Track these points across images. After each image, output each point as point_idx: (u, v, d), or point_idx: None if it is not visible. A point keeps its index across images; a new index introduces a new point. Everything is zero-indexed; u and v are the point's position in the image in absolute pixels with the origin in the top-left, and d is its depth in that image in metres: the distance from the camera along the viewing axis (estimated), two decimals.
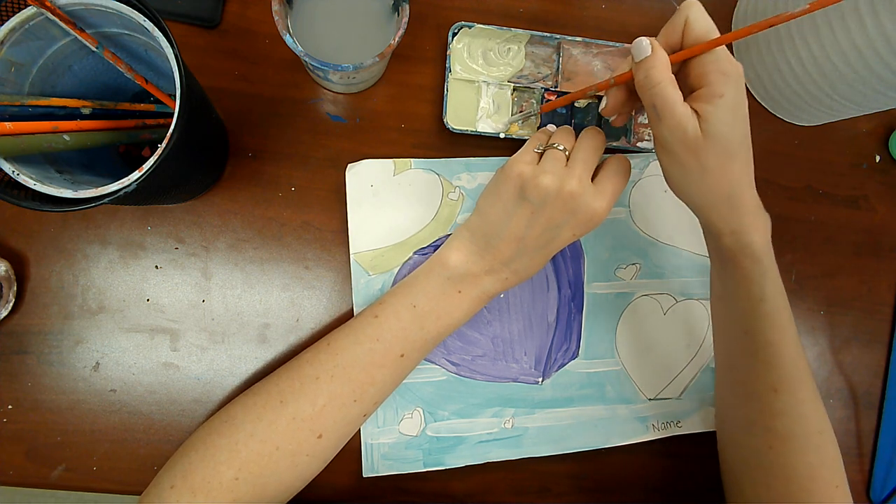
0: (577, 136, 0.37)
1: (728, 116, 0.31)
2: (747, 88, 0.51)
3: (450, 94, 0.44)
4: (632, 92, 0.36)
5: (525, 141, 0.40)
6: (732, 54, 0.40)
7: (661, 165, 0.35)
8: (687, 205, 0.36)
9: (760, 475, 0.38)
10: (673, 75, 0.32)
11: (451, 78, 0.44)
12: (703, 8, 0.32)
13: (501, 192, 0.37)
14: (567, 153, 0.36)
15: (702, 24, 0.31)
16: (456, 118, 0.45)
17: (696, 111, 0.32)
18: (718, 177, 0.33)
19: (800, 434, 0.36)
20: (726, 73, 0.31)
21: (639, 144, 0.47)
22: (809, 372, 0.37)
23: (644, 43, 0.32)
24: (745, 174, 0.34)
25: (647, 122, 0.47)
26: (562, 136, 0.37)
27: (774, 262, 0.36)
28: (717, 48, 0.31)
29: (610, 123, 0.40)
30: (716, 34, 0.31)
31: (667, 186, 0.47)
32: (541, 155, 0.37)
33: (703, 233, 0.38)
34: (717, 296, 0.39)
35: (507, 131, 0.45)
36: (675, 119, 0.31)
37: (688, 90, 0.33)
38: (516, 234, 0.37)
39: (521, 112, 0.45)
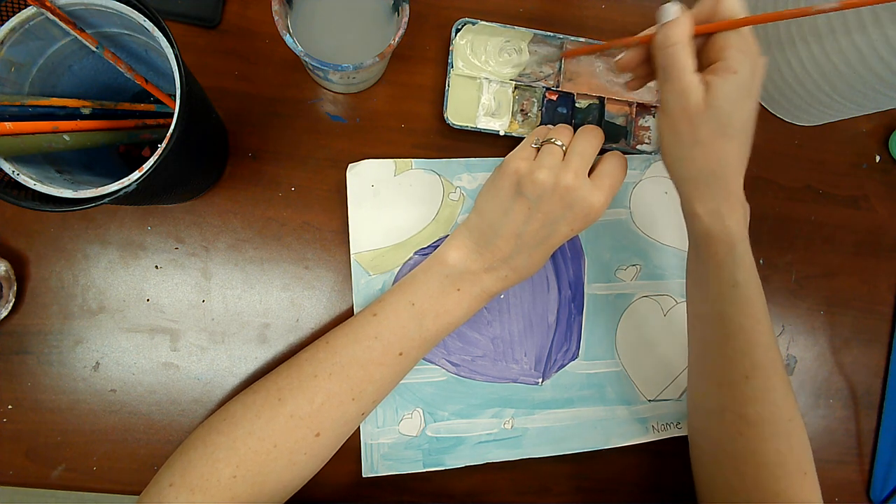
0: None
1: (735, 94, 0.31)
2: None
3: (451, 90, 0.44)
4: (651, 58, 0.35)
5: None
6: None
7: (658, 129, 0.35)
8: (671, 177, 0.36)
9: (730, 462, 0.38)
10: (690, 42, 0.31)
11: (452, 74, 0.44)
12: None
13: (499, 189, 0.37)
14: (564, 148, 0.36)
15: (734, 2, 0.31)
16: (456, 114, 0.44)
17: (706, 82, 0.31)
18: (708, 151, 0.33)
19: (770, 421, 0.36)
20: (745, 52, 0.31)
21: (638, 147, 0.47)
22: (781, 360, 0.37)
23: (672, 8, 0.32)
24: (737, 159, 0.33)
25: (647, 124, 0.47)
26: (559, 132, 0.37)
27: (749, 251, 0.36)
28: (745, 29, 0.31)
29: (626, 86, 0.39)
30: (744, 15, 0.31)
31: (667, 188, 0.48)
32: (538, 151, 0.37)
33: (683, 213, 0.37)
34: (692, 279, 0.39)
35: (507, 129, 0.45)
36: (681, 84, 0.31)
37: (706, 63, 0.32)
38: (514, 231, 0.37)
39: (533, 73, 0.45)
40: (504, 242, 0.37)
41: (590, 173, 0.36)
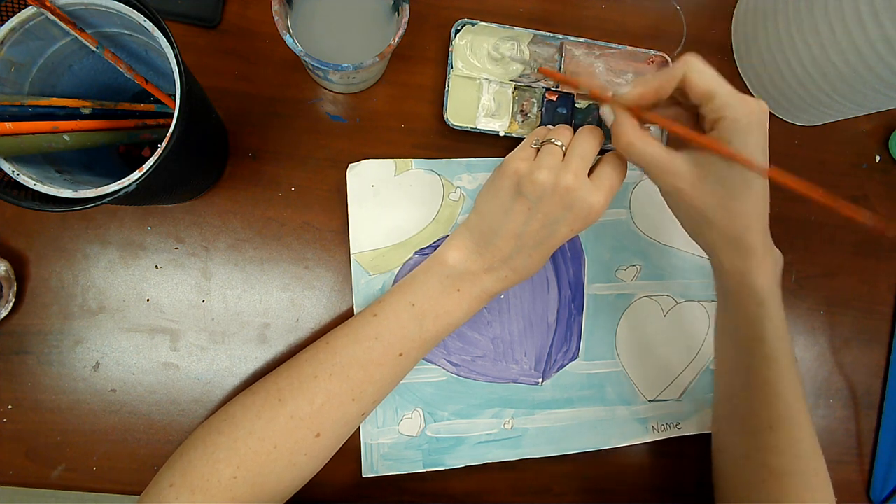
0: None
1: (727, 166, 0.32)
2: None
3: (451, 91, 0.44)
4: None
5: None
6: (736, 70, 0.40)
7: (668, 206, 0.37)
8: (694, 241, 0.37)
9: None
10: (642, 131, 0.33)
11: (452, 74, 0.44)
12: (702, 63, 0.32)
13: (498, 189, 0.37)
14: (564, 149, 0.36)
15: (705, 82, 0.31)
16: (456, 115, 0.44)
17: (696, 162, 0.32)
18: (720, 218, 0.33)
19: (794, 472, 0.36)
20: (735, 120, 0.31)
21: None
22: (806, 412, 0.37)
23: (605, 111, 0.34)
24: (755, 213, 0.34)
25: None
26: (559, 133, 0.37)
27: (780, 304, 0.36)
28: (731, 91, 0.31)
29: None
30: (720, 84, 0.31)
31: None
32: (538, 151, 0.37)
33: (710, 263, 0.38)
34: (721, 329, 0.40)
35: (507, 129, 0.45)
36: (660, 170, 0.33)
37: (708, 126, 0.33)
38: (514, 231, 0.37)
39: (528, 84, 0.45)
40: (504, 243, 0.37)
41: (590, 174, 0.36)
